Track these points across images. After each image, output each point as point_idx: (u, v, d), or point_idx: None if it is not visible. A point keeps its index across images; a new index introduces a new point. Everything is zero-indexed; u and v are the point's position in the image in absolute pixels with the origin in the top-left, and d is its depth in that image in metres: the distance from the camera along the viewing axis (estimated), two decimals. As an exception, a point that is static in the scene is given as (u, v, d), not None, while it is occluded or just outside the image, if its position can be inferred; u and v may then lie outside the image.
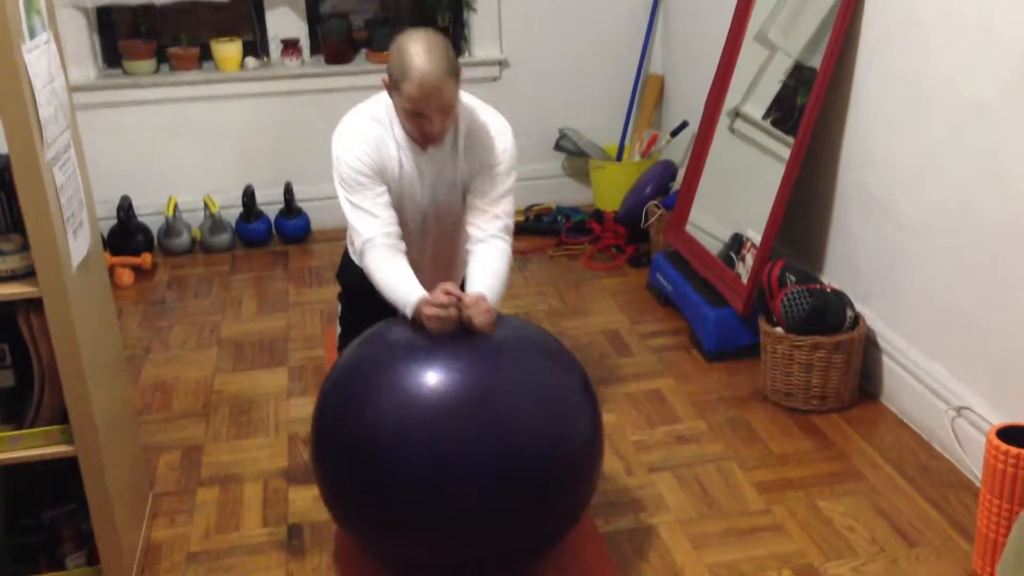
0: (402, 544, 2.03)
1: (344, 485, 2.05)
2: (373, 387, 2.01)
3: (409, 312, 2.15)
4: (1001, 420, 2.29)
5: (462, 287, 2.26)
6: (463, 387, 1.97)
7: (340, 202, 2.36)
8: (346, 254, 2.71)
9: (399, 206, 2.39)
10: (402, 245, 2.32)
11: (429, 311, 2.09)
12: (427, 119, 2.22)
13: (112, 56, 4.24)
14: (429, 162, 2.36)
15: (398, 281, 2.23)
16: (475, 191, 2.39)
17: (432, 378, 1.97)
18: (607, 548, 2.28)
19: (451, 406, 1.94)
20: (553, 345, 2.18)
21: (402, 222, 2.38)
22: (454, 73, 2.21)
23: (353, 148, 2.33)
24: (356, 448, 1.99)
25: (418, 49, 2.16)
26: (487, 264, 2.31)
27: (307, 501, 2.49)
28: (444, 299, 2.09)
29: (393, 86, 2.23)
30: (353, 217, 2.33)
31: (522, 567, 2.16)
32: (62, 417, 2.00)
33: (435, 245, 2.54)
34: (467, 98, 2.38)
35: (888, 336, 2.82)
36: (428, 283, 2.26)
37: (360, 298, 2.42)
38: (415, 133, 2.28)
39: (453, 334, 2.07)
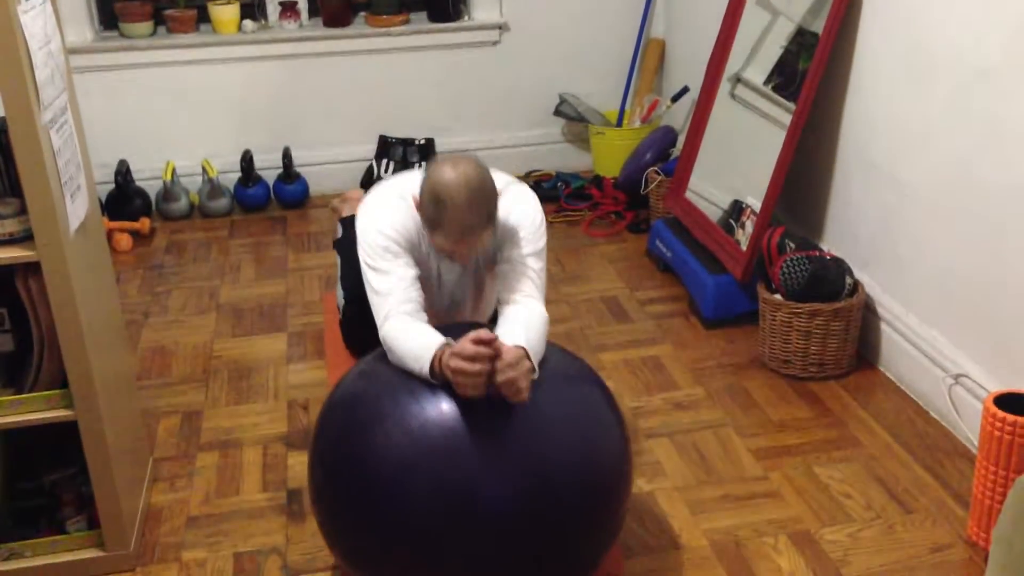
0: None
1: (345, 522, 1.84)
2: (377, 412, 1.79)
3: (425, 366, 1.81)
4: (998, 387, 2.29)
5: None
6: (478, 413, 1.73)
7: (364, 277, 2.08)
8: (342, 224, 2.68)
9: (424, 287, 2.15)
10: (425, 317, 2.04)
11: (455, 364, 1.74)
12: (459, 255, 2.07)
13: (109, 18, 4.20)
14: (454, 267, 2.23)
15: (418, 341, 1.88)
16: (503, 258, 2.15)
17: (443, 403, 1.74)
18: (605, 513, 2.29)
19: (464, 434, 1.71)
20: (578, 366, 1.98)
21: (428, 300, 2.17)
22: (493, 218, 2.00)
23: (389, 218, 2.09)
24: (357, 480, 1.77)
25: (456, 200, 1.92)
26: (522, 319, 1.97)
27: (306, 466, 2.49)
28: (472, 350, 1.72)
29: (424, 220, 2.02)
30: (380, 287, 2.03)
31: None
32: (62, 381, 2.01)
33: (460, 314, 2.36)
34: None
35: (887, 303, 2.82)
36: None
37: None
38: (452, 254, 2.10)
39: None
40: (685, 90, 4.10)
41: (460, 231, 1.96)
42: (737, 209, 3.20)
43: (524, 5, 4.30)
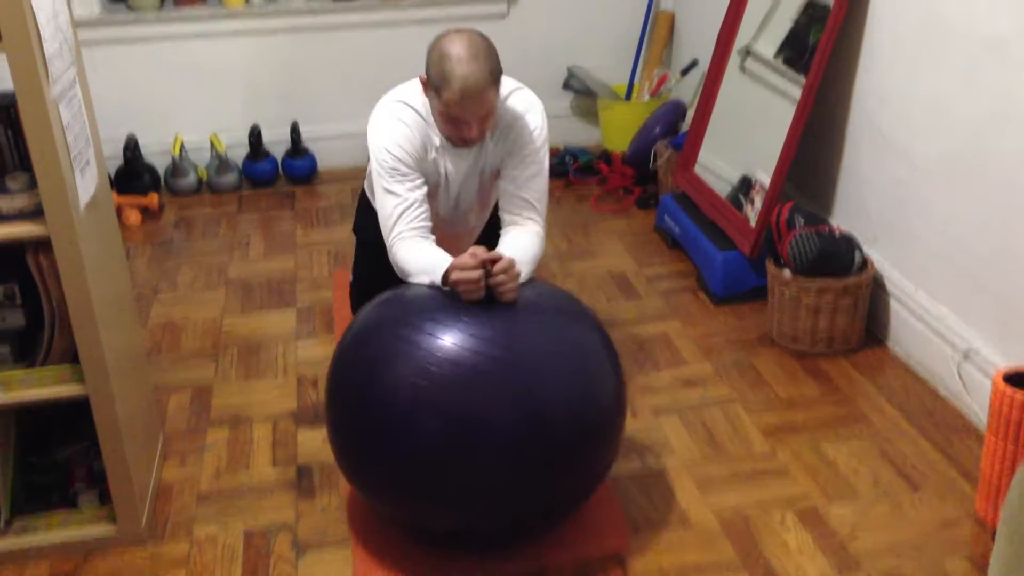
0: (419, 510, 2.00)
1: (360, 449, 1.99)
2: (389, 349, 1.93)
3: (437, 279, 2.07)
4: (1008, 364, 2.29)
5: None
6: (482, 348, 1.89)
7: (376, 190, 2.30)
8: (361, 205, 2.71)
9: (430, 195, 2.33)
10: (432, 238, 2.26)
11: (455, 275, 2.02)
12: (466, 124, 2.16)
13: (115, -8, 4.18)
14: (463, 157, 2.33)
15: (427, 260, 2.13)
16: (506, 176, 2.33)
17: (449, 339, 1.90)
18: (613, 491, 2.30)
19: (470, 367, 1.87)
20: (573, 304, 2.13)
21: (434, 211, 2.34)
22: (497, 79, 2.13)
23: (395, 135, 2.26)
24: (372, 411, 1.93)
25: (460, 54, 2.08)
26: (519, 241, 2.26)
27: (316, 442, 2.51)
28: (470, 261, 2.00)
29: (431, 88, 2.16)
30: (389, 205, 2.25)
31: (541, 535, 2.12)
32: (73, 357, 2.01)
33: (458, 230, 2.50)
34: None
35: (896, 280, 2.81)
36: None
37: (378, 253, 2.35)
38: (453, 136, 2.23)
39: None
40: (694, 63, 4.08)
41: (464, 87, 2.08)
42: (746, 184, 3.18)
43: (532, -22, 4.27)
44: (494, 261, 2.00)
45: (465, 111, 2.13)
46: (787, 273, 2.81)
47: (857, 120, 2.95)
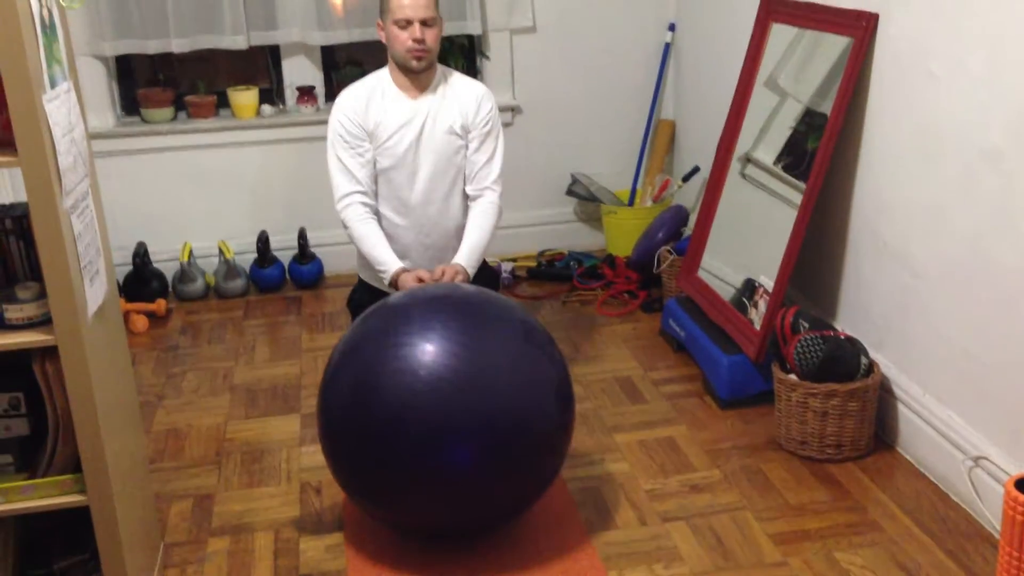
0: (408, 507, 2.29)
1: (353, 451, 2.29)
2: (379, 364, 2.25)
3: (388, 278, 2.81)
4: (1019, 470, 2.26)
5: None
6: (457, 364, 2.22)
7: (327, 158, 2.93)
8: (356, 287, 3.14)
9: (396, 158, 2.89)
10: (375, 207, 2.92)
11: (404, 286, 2.70)
12: (414, 27, 2.77)
13: (130, 103, 4.29)
14: (422, 105, 2.89)
15: (377, 245, 2.87)
16: (470, 149, 2.95)
17: (429, 356, 2.22)
18: (621, 600, 2.25)
19: (447, 381, 2.20)
20: (531, 325, 2.43)
21: (400, 176, 2.91)
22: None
23: (344, 106, 2.89)
24: (365, 417, 2.23)
25: None
26: (477, 220, 2.94)
27: (319, 551, 2.47)
28: (417, 284, 2.70)
29: (382, 14, 2.83)
30: (335, 171, 2.92)
31: (502, 530, 2.47)
32: (75, 466, 2.00)
33: (430, 200, 2.97)
34: (447, 68, 3.02)
35: (903, 384, 2.80)
36: (427, 244, 2.99)
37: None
38: (406, 46, 2.79)
39: (444, 308, 2.34)
40: (696, 170, 4.15)
41: None
42: (750, 288, 3.20)
43: (537, 88, 4.39)
44: (437, 280, 2.71)
45: (407, 8, 2.77)
46: (793, 377, 2.80)
47: (858, 226, 2.98)
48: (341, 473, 2.38)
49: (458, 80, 2.99)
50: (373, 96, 2.91)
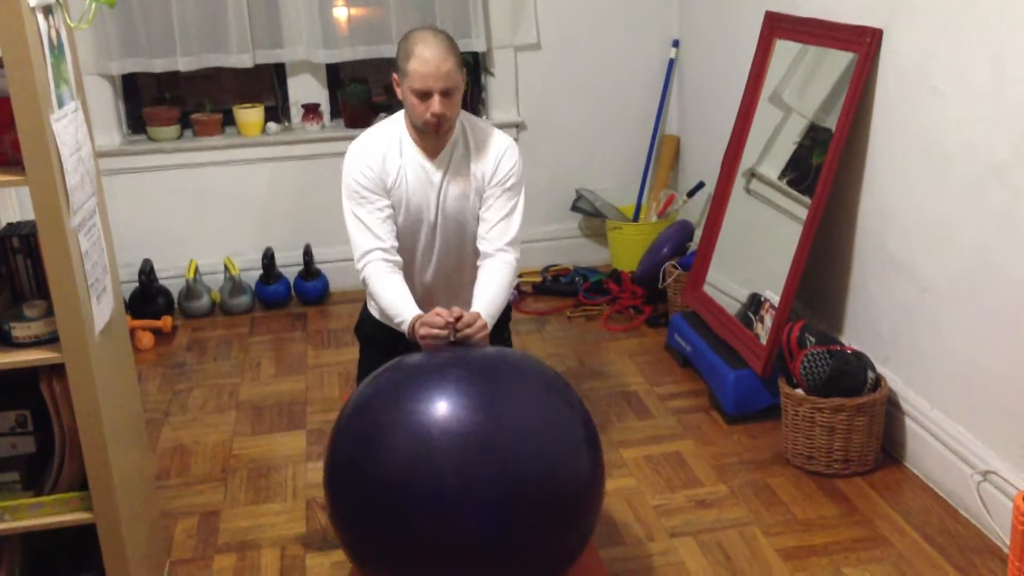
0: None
1: (360, 517, 2.03)
2: (386, 424, 2.00)
3: (405, 328, 2.34)
4: (1029, 484, 2.26)
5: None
6: (470, 423, 1.96)
7: (345, 218, 2.56)
8: (364, 308, 2.77)
9: (409, 219, 2.55)
10: (399, 262, 2.51)
11: (423, 331, 2.24)
12: (431, 99, 2.39)
13: (136, 122, 4.31)
14: (439, 166, 2.54)
15: (395, 298, 2.42)
16: (485, 205, 2.58)
17: (441, 414, 1.96)
18: (629, 616, 2.24)
19: (459, 441, 1.94)
20: (554, 380, 2.17)
21: (412, 238, 2.58)
22: (456, 52, 2.41)
23: (358, 161, 2.54)
24: (372, 481, 1.98)
25: (421, 35, 2.42)
26: (492, 278, 2.50)
27: (324, 568, 2.47)
28: (438, 320, 2.23)
29: (400, 74, 2.45)
30: (353, 229, 2.53)
31: None
32: (81, 483, 2.00)
33: (443, 263, 2.65)
34: (471, 116, 2.62)
35: (910, 398, 2.79)
36: (439, 302, 2.50)
37: (378, 346, 2.47)
38: (424, 118, 2.42)
39: (459, 364, 2.10)
40: (701, 185, 4.15)
41: (424, 53, 2.37)
42: (756, 303, 3.20)
43: (541, 104, 4.40)
44: (458, 319, 2.23)
45: (427, 79, 2.37)
46: (800, 392, 2.80)
47: (863, 240, 2.98)
48: (346, 537, 2.11)
49: (481, 133, 2.60)
50: (390, 152, 2.54)
